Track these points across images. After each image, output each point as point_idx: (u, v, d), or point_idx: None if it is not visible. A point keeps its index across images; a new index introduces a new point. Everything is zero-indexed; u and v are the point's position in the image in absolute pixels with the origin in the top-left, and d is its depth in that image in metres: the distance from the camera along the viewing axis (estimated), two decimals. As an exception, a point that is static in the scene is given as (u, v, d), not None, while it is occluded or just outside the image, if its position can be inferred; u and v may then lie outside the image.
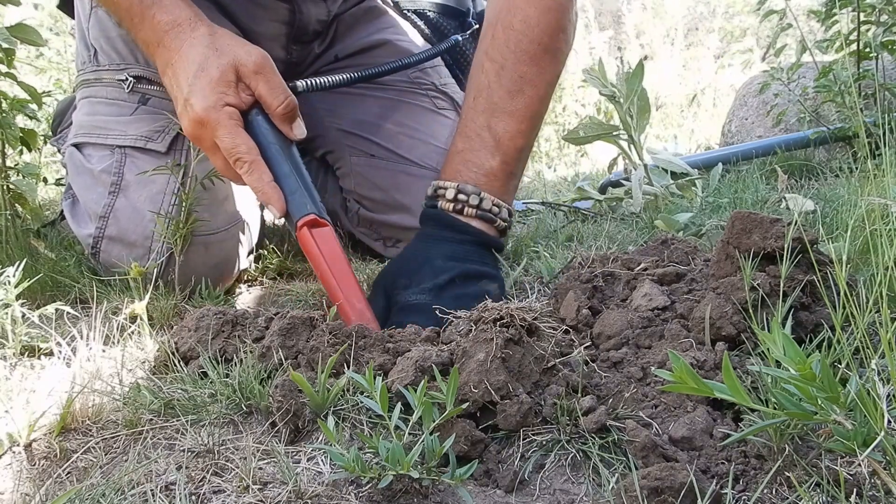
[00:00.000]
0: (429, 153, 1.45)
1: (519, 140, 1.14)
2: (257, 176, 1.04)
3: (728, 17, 6.07)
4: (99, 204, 1.24)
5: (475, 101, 1.16)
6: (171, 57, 1.09)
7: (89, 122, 1.30)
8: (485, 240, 1.13)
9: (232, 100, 1.05)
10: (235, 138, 1.04)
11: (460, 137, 1.17)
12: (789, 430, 0.63)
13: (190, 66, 1.06)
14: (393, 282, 1.09)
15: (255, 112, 1.09)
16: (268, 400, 0.78)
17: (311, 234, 1.02)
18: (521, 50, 1.13)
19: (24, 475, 0.73)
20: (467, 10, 1.61)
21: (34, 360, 0.98)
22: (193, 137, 1.08)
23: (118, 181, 1.24)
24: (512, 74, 1.13)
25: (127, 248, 1.22)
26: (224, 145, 1.04)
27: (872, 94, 1.89)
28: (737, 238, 0.84)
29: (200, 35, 1.08)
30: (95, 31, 1.33)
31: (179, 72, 1.07)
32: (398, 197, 1.44)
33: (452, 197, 1.12)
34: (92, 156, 1.28)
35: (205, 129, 1.04)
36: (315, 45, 1.51)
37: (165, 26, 1.09)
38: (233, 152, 1.04)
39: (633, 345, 0.84)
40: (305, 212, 1.03)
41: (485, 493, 0.67)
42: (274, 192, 1.04)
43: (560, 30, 1.15)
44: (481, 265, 1.10)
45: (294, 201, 1.04)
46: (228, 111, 1.05)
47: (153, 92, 1.28)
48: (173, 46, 1.09)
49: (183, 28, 1.09)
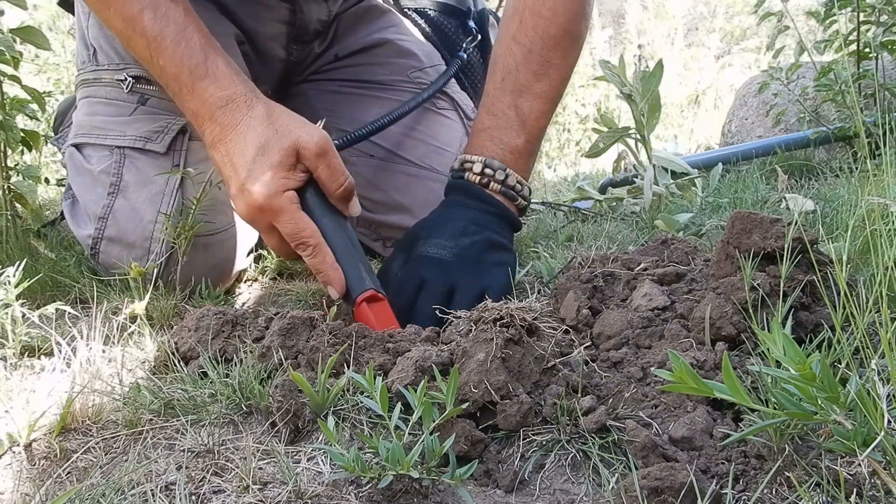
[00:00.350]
0: (429, 153, 1.45)
1: (542, 120, 1.19)
2: (321, 259, 1.03)
3: (728, 17, 6.07)
4: (98, 204, 1.24)
5: (503, 82, 1.19)
6: (224, 134, 1.05)
7: (88, 123, 1.30)
8: (507, 214, 1.16)
9: (293, 185, 1.03)
10: (298, 224, 1.02)
11: (487, 115, 1.19)
12: (789, 430, 0.63)
13: (248, 147, 1.03)
14: (414, 233, 1.11)
15: (311, 189, 1.07)
16: (268, 400, 0.78)
17: (370, 310, 1.01)
18: (548, 35, 1.17)
19: (24, 475, 0.73)
20: (468, 10, 1.61)
21: (34, 360, 0.98)
22: (249, 220, 1.06)
23: (117, 182, 1.23)
24: (539, 58, 1.17)
25: (126, 248, 1.22)
26: (287, 231, 1.02)
27: (872, 94, 1.89)
28: (737, 238, 0.84)
29: (259, 115, 1.05)
30: (94, 31, 1.32)
31: (235, 153, 1.04)
32: (398, 197, 1.43)
33: (479, 171, 1.15)
34: (91, 156, 1.28)
35: (264, 214, 1.03)
36: (315, 44, 1.51)
37: (219, 101, 1.05)
38: (297, 237, 1.02)
39: (633, 345, 0.84)
40: (364, 288, 1.02)
41: (485, 493, 0.67)
42: (336, 275, 1.03)
43: (583, 16, 1.19)
44: (501, 237, 1.12)
45: (353, 278, 1.03)
46: (290, 196, 1.03)
47: (152, 92, 1.27)
48: (228, 123, 1.05)
49: (239, 105, 1.05)
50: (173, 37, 1.07)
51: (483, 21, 1.64)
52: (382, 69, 1.51)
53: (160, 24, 1.07)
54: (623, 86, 1.60)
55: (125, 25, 1.09)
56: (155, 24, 1.07)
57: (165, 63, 1.07)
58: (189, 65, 1.06)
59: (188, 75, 1.06)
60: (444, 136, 1.48)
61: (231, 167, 1.05)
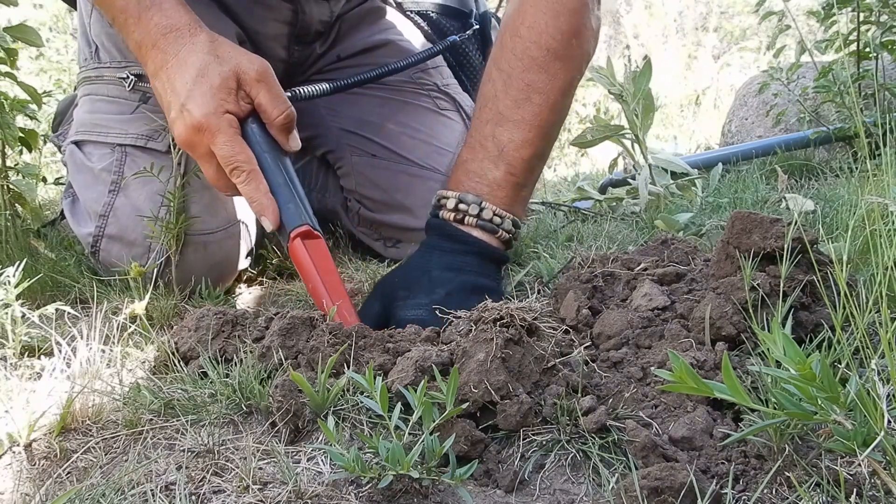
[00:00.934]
0: (430, 154, 1.45)
1: (526, 150, 1.11)
2: (254, 186, 1.03)
3: (728, 17, 6.07)
4: (99, 202, 1.24)
5: (481, 112, 1.14)
6: (166, 60, 1.07)
7: (90, 120, 1.30)
8: (486, 250, 1.11)
9: (232, 107, 1.04)
10: (234, 146, 1.03)
11: (466, 148, 1.15)
12: (789, 430, 0.63)
13: (189, 71, 1.04)
14: (392, 292, 1.09)
15: (251, 121, 1.07)
16: (268, 400, 0.78)
17: (304, 246, 1.01)
18: (528, 57, 1.10)
19: (24, 475, 0.73)
20: (470, 12, 1.61)
21: (34, 360, 0.98)
22: (187, 144, 1.06)
23: (118, 180, 1.24)
24: (518, 83, 1.10)
25: (127, 246, 1.22)
26: (222, 153, 1.03)
27: (872, 94, 1.89)
28: (737, 238, 0.84)
29: (201, 41, 1.07)
30: (97, 28, 1.33)
31: (175, 76, 1.05)
32: (399, 197, 1.44)
33: (453, 206, 1.10)
34: (92, 154, 1.28)
35: (202, 135, 1.03)
36: (317, 45, 1.51)
37: (163, 29, 1.07)
38: (231, 161, 1.02)
39: (633, 345, 0.84)
40: (299, 223, 1.02)
41: (485, 493, 0.67)
42: (270, 204, 1.03)
43: (573, 35, 1.10)
44: (479, 276, 1.08)
45: (288, 212, 1.03)
46: (228, 118, 1.03)
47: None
48: (170, 51, 1.07)
49: (182, 33, 1.07)
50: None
51: (485, 23, 1.64)
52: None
53: None
54: (612, 86, 1.60)
55: None
56: None
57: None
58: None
59: (135, 5, 1.08)
60: (445, 137, 1.48)
61: (171, 90, 1.06)
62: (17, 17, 2.02)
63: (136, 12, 1.08)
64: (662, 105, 4.89)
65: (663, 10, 5.93)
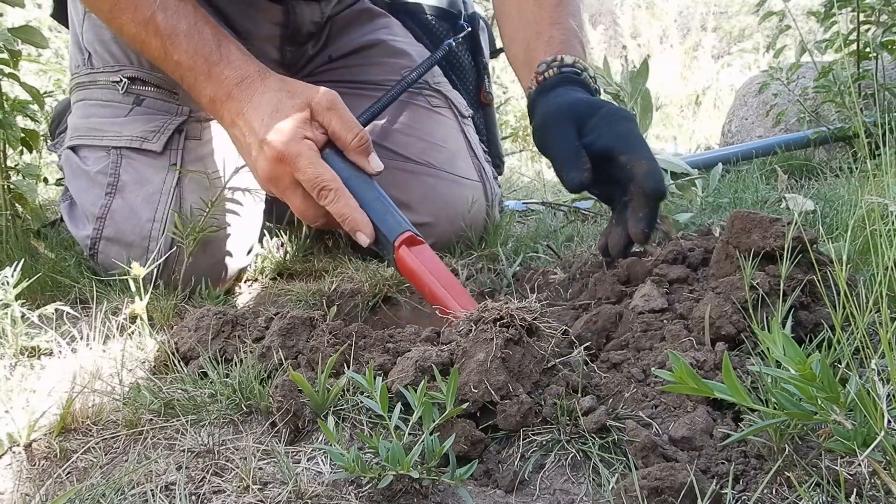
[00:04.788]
0: (426, 150, 1.45)
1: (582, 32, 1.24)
2: (343, 202, 1.03)
3: (727, 17, 6.07)
4: (96, 205, 1.24)
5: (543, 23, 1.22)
6: (241, 107, 1.09)
7: (84, 125, 1.30)
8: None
9: (310, 135, 1.06)
10: (318, 167, 1.03)
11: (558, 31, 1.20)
12: (789, 430, 0.63)
13: (264, 109, 1.07)
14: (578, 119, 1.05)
15: (329, 149, 1.08)
16: (268, 400, 0.78)
17: (411, 252, 1.00)
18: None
19: (24, 475, 0.73)
20: (459, 13, 1.62)
21: (34, 360, 0.98)
22: (271, 179, 1.07)
23: (114, 182, 1.24)
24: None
25: (125, 248, 1.22)
26: (307, 176, 1.03)
27: (872, 94, 1.89)
28: (736, 238, 0.84)
29: (271, 83, 1.09)
30: (90, 35, 1.33)
31: (252, 117, 1.07)
32: (396, 193, 1.43)
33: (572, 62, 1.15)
34: (88, 157, 1.28)
35: (284, 165, 1.04)
36: (309, 46, 1.52)
37: (235, 80, 1.10)
38: (317, 182, 1.03)
39: (633, 345, 0.84)
40: (400, 231, 1.01)
41: (485, 493, 0.67)
42: (362, 218, 1.03)
43: None
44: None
45: (386, 224, 1.02)
46: (308, 143, 1.05)
47: (148, 93, 1.28)
48: (243, 97, 1.09)
49: (253, 80, 1.10)
50: (186, 31, 1.11)
51: (474, 24, 1.65)
52: (376, 69, 1.52)
53: (172, 22, 1.11)
54: (608, 85, 1.60)
55: (139, 29, 1.12)
56: (168, 23, 1.11)
57: (180, 57, 1.11)
58: (204, 53, 1.11)
59: (203, 63, 1.11)
60: (439, 133, 1.48)
61: (249, 131, 1.08)
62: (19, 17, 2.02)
63: (206, 69, 1.11)
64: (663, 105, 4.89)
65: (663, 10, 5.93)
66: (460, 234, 1.40)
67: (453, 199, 1.41)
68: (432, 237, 1.39)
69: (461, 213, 1.40)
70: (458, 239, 1.41)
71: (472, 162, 1.50)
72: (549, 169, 3.31)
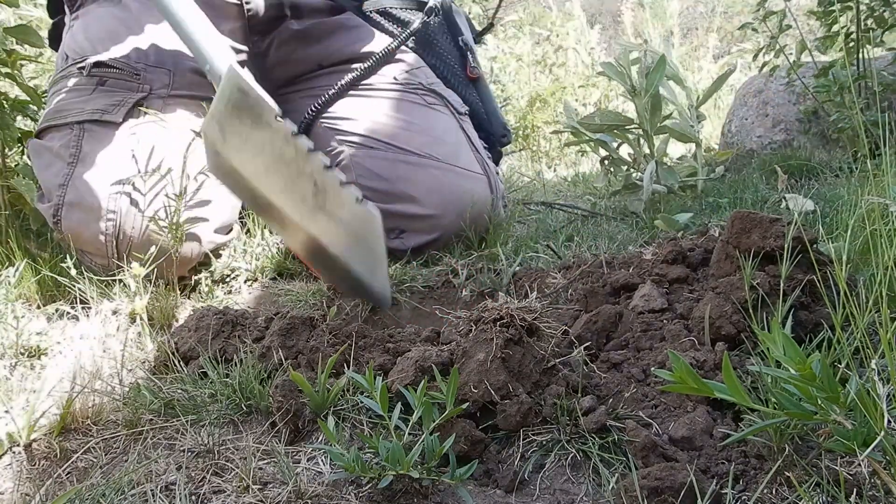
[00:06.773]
0: (427, 143, 1.45)
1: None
2: None
3: (728, 17, 6.06)
4: (59, 175, 1.26)
5: None
6: None
7: (52, 110, 1.34)
8: None
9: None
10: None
11: None
12: (789, 430, 0.63)
13: None
14: None
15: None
16: (268, 400, 0.78)
17: None
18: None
19: (24, 475, 0.73)
20: (424, 2, 1.63)
21: (34, 360, 0.98)
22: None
23: (76, 153, 1.27)
24: None
25: (86, 212, 1.23)
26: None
27: (872, 93, 1.89)
28: (736, 238, 0.84)
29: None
30: (68, 39, 1.41)
31: None
32: (402, 186, 1.43)
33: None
34: (53, 137, 1.32)
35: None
36: (277, 33, 1.53)
37: None
38: None
39: (633, 345, 0.84)
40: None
41: (485, 493, 0.67)
42: None
43: None
44: None
45: None
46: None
47: (111, 74, 1.33)
48: None
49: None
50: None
51: (448, 9, 1.66)
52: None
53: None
54: (626, 81, 1.60)
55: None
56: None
57: None
58: None
59: None
60: (439, 127, 1.49)
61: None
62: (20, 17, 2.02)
63: None
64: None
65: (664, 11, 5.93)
66: (467, 225, 1.40)
67: (459, 191, 1.41)
68: (439, 230, 1.39)
69: (467, 205, 1.40)
70: (463, 232, 1.41)
71: (475, 155, 1.50)
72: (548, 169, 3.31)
